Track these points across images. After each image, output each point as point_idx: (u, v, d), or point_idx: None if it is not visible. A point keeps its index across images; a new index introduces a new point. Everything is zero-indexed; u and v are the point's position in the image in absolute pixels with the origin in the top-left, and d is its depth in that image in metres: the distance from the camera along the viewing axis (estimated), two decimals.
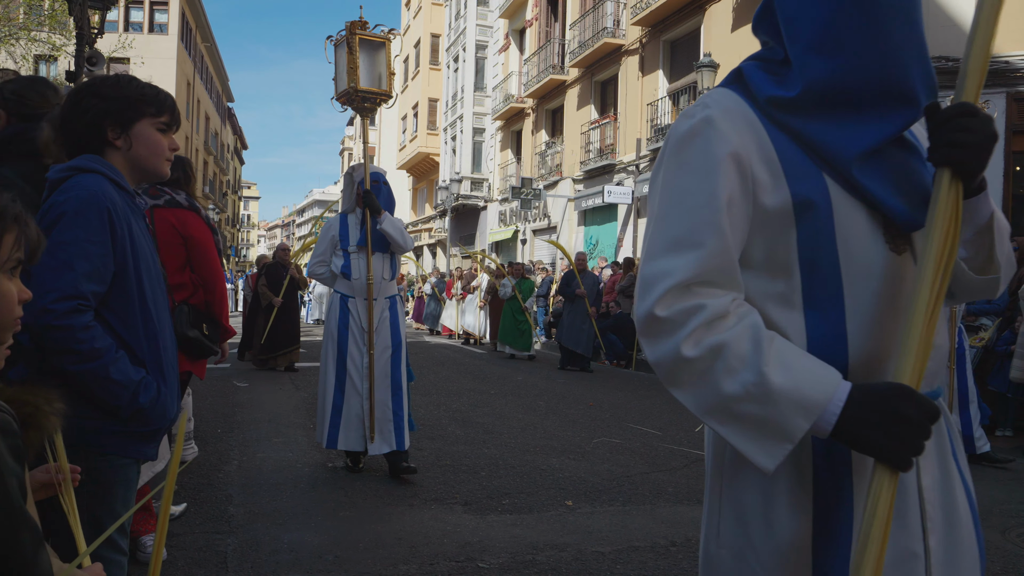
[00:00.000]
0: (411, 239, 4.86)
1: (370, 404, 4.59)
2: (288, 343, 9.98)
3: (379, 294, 4.78)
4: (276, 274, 10.23)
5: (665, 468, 5.23)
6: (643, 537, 3.71)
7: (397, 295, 5.00)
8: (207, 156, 42.32)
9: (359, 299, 4.75)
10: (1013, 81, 9.71)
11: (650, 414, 7.39)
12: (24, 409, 1.13)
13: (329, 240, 4.88)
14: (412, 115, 35.85)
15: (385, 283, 4.83)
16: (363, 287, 4.72)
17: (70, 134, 1.85)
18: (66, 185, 1.75)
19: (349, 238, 4.80)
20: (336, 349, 4.72)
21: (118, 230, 1.75)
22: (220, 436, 5.70)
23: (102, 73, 3.46)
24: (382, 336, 4.74)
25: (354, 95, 4.72)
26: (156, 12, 32.84)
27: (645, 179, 16.35)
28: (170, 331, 1.91)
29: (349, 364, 4.68)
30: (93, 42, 11.47)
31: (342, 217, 4.93)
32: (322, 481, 4.59)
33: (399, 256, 4.98)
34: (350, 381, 4.67)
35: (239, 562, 3.24)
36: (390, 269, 4.88)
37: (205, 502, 4.03)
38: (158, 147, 1.89)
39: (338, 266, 4.79)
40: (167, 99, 1.92)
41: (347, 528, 3.72)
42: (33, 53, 18.85)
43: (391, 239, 4.74)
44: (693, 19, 15.20)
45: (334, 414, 4.64)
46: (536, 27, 22.83)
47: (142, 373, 1.77)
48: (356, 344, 4.71)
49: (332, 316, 4.82)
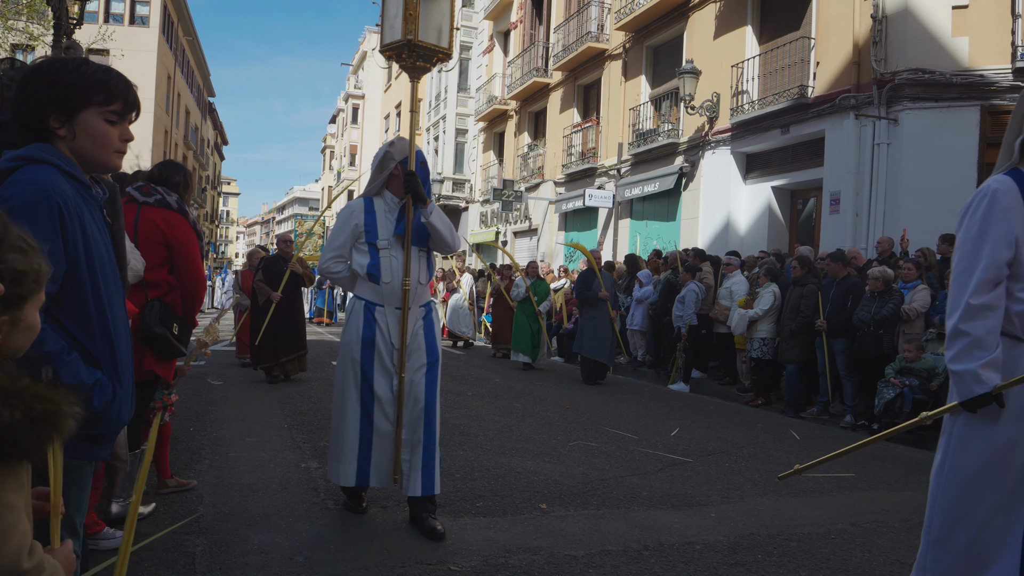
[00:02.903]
0: (459, 237, 3.97)
1: (396, 437, 3.77)
2: (295, 347, 8.75)
3: (414, 302, 3.82)
4: (276, 269, 8.87)
5: (640, 472, 5.24)
6: (616, 541, 3.72)
7: (432, 302, 4.06)
8: (187, 151, 41.86)
9: (389, 308, 3.79)
10: (986, 94, 9.88)
11: (626, 418, 7.41)
12: (45, 406, 1.12)
13: (350, 230, 3.85)
14: (395, 114, 35.75)
15: (421, 288, 3.88)
16: (395, 293, 3.77)
17: (16, 120, 1.77)
18: (14, 178, 1.66)
19: (378, 229, 3.82)
20: (359, 370, 3.79)
21: (69, 226, 1.67)
22: (192, 435, 5.64)
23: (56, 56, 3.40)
24: (415, 354, 3.83)
25: (408, 50, 3.77)
26: (137, 4, 32.43)
27: (626, 183, 16.44)
28: (125, 328, 1.86)
29: (377, 388, 3.78)
30: (71, 32, 11.29)
31: (367, 202, 3.89)
32: (294, 482, 4.54)
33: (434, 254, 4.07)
34: (379, 408, 3.79)
35: (208, 563, 3.20)
36: (427, 271, 3.93)
37: (174, 502, 3.98)
38: (104, 138, 1.78)
39: (362, 265, 3.81)
40: (118, 85, 1.79)
41: (318, 529, 3.69)
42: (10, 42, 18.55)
43: (437, 236, 3.82)
44: (676, 26, 15.31)
45: (363, 447, 3.78)
46: (520, 30, 22.87)
47: (96, 375, 1.71)
48: (383, 364, 3.78)
49: (353, 328, 3.83)
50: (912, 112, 10.14)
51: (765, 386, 9.00)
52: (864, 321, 7.51)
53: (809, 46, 11.81)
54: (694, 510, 4.37)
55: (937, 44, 10.09)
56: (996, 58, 9.80)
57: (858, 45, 10.82)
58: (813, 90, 11.65)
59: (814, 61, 11.71)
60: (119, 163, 1.86)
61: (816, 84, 11.63)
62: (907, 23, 10.22)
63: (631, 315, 11.46)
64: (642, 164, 16.23)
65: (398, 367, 3.76)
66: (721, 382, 10.28)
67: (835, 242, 10.34)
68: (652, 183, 15.46)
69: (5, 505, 1.11)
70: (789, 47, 12.14)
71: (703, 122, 14.11)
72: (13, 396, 1.09)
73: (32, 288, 1.20)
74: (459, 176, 27.80)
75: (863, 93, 10.65)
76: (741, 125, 13.07)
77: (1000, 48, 9.78)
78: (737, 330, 9.14)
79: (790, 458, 5.98)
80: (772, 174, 13.16)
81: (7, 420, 1.07)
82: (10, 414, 1.07)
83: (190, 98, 42.80)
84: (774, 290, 8.79)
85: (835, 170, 11.09)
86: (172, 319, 3.42)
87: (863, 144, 10.61)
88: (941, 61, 10.03)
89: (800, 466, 2.73)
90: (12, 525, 1.12)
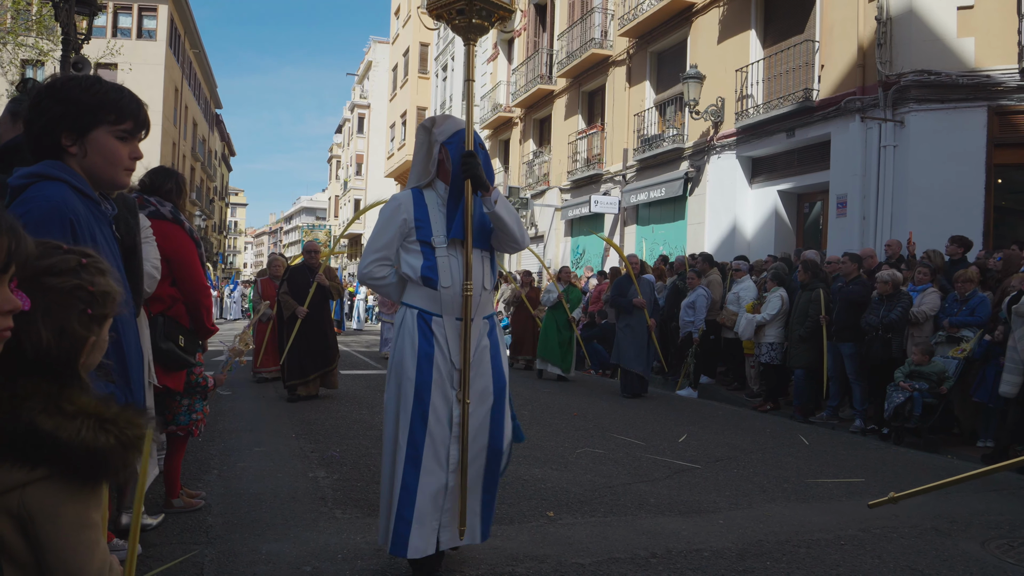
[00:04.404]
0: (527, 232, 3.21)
1: (461, 481, 3.08)
2: (320, 365, 8.13)
3: (477, 312, 3.17)
4: (302, 280, 8.32)
5: (648, 479, 5.22)
6: (624, 549, 3.71)
7: (495, 314, 3.46)
8: (194, 162, 42.13)
9: (448, 319, 3.14)
10: (994, 95, 9.83)
11: (634, 424, 7.39)
12: (135, 432, 1.19)
13: (398, 227, 3.18)
14: (400, 123, 35.87)
15: (486, 295, 3.25)
16: (455, 300, 3.12)
17: (29, 137, 1.80)
18: (27, 195, 1.70)
19: (432, 225, 3.17)
20: (412, 395, 3.08)
21: (81, 241, 1.70)
22: (201, 445, 5.65)
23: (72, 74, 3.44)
24: (478, 379, 3.17)
25: (464, 6, 3.10)
26: (144, 18, 32.73)
27: (631, 189, 16.43)
28: (136, 342, 1.89)
29: (431, 420, 3.07)
30: (80, 47, 11.40)
31: (415, 193, 3.24)
32: (302, 491, 4.55)
33: (497, 255, 3.46)
34: (431, 445, 3.06)
35: (216, 572, 3.21)
36: (491, 274, 3.29)
37: (183, 512, 3.99)
38: (114, 156, 1.81)
39: (415, 267, 3.14)
40: (130, 105, 1.82)
41: (325, 539, 3.69)
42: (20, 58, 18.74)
43: (504, 231, 3.18)
44: (680, 31, 15.32)
45: (404, 498, 3.03)
46: (524, 37, 22.93)
47: (109, 388, 1.74)
48: (442, 388, 3.10)
49: (406, 343, 3.14)
50: (918, 114, 10.11)
51: (773, 391, 8.96)
52: (872, 325, 7.47)
53: (813, 49, 11.80)
54: (702, 517, 4.35)
55: (942, 45, 10.06)
56: (1002, 58, 9.76)
57: (863, 47, 10.80)
58: (818, 93, 11.63)
59: (819, 64, 11.69)
60: (128, 180, 1.90)
61: (821, 87, 11.61)
62: (912, 24, 10.20)
63: None
64: (648, 170, 16.23)
65: (461, 391, 3.09)
66: (729, 387, 10.24)
67: (843, 245, 10.29)
68: (658, 188, 15.45)
69: (90, 524, 1.17)
70: (793, 50, 12.13)
71: (708, 127, 14.11)
72: (109, 422, 1.16)
73: (114, 308, 1.28)
74: None
75: (868, 95, 10.62)
76: (746, 129, 13.06)
77: (1006, 48, 9.74)
78: (744, 335, 9.11)
79: (799, 464, 5.95)
80: (778, 178, 13.13)
81: (103, 444, 1.14)
82: (106, 439, 1.14)
83: (197, 110, 43.09)
84: (781, 295, 8.76)
85: (841, 173, 11.05)
86: (177, 332, 3.43)
87: (869, 147, 10.57)
88: (947, 62, 10.00)
89: (896, 494, 2.70)
90: (96, 542, 1.18)
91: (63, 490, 1.13)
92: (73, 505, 1.13)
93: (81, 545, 1.14)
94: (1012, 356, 6.13)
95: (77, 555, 1.14)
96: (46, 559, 1.12)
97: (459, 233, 3.11)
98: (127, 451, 1.16)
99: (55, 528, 1.11)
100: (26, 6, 17.45)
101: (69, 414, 1.13)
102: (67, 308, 1.18)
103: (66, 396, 1.15)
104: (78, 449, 1.11)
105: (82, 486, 1.15)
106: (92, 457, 1.13)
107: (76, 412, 1.13)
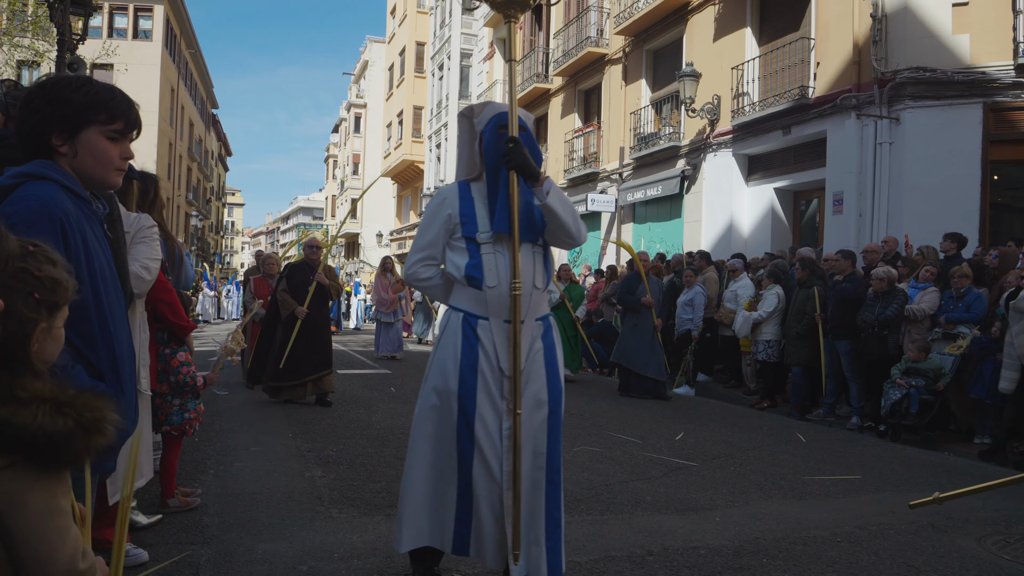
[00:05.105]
0: (584, 226, 3.03)
1: (514, 500, 2.77)
2: (318, 367, 7.78)
3: (528, 313, 2.90)
4: (301, 278, 7.96)
5: (644, 477, 5.22)
6: (620, 547, 3.70)
7: (551, 316, 3.12)
8: (191, 163, 42.07)
9: (495, 321, 2.87)
10: (989, 92, 9.85)
11: (631, 422, 7.39)
12: (94, 414, 1.17)
13: (443, 223, 2.95)
14: (397, 122, 35.85)
15: (537, 294, 2.96)
16: (503, 302, 2.85)
17: (19, 137, 1.80)
18: (16, 194, 1.69)
19: (477, 221, 2.92)
20: (456, 404, 2.84)
21: (71, 240, 1.70)
22: (197, 445, 5.64)
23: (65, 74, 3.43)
24: (530, 387, 2.89)
25: None
26: (140, 18, 32.67)
27: (628, 187, 16.43)
28: (128, 342, 1.88)
29: (479, 430, 2.81)
30: (75, 48, 11.36)
31: (462, 187, 3.01)
32: (299, 491, 4.54)
33: (552, 251, 3.15)
34: (480, 459, 2.80)
35: (212, 572, 3.20)
36: (543, 273, 3.02)
37: (179, 512, 3.99)
38: (105, 156, 1.81)
39: (459, 266, 2.91)
40: (120, 104, 1.82)
41: (322, 538, 3.69)
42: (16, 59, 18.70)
43: (557, 224, 2.89)
44: (675, 29, 15.33)
45: (462, 508, 2.82)
46: (520, 36, 22.92)
47: (100, 387, 1.73)
48: (490, 397, 2.84)
49: (448, 348, 2.90)
50: (914, 111, 10.12)
51: (770, 389, 8.96)
52: (868, 322, 7.48)
53: (809, 46, 11.81)
54: (699, 514, 4.35)
55: (938, 42, 10.07)
56: (998, 55, 9.77)
57: (858, 45, 10.80)
58: (814, 91, 11.64)
59: (814, 61, 11.69)
60: (118, 180, 1.88)
61: (817, 84, 11.62)
62: (907, 21, 10.21)
63: None
64: (644, 168, 16.23)
65: (511, 402, 2.79)
66: (726, 385, 10.25)
67: (839, 243, 10.31)
68: (654, 187, 15.45)
69: (58, 510, 1.16)
70: (789, 48, 12.14)
71: (704, 125, 14.11)
72: (65, 405, 1.15)
73: (65, 297, 1.25)
74: None
75: (864, 93, 10.63)
76: (742, 127, 13.06)
77: (1002, 45, 9.75)
78: (741, 333, 9.12)
79: (796, 461, 5.96)
80: (774, 175, 13.14)
81: (61, 428, 1.13)
82: (63, 422, 1.13)
83: (193, 110, 43.02)
84: (778, 292, 8.77)
85: (837, 170, 11.06)
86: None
87: (865, 144, 10.58)
88: (942, 59, 10.00)
89: (941, 495, 2.67)
90: (66, 528, 1.17)
91: (27, 478, 1.12)
92: (39, 493, 1.13)
93: (51, 532, 1.14)
94: (1010, 352, 6.13)
95: (47, 542, 1.13)
96: (16, 548, 1.11)
97: (503, 227, 2.83)
98: (88, 434, 1.15)
99: (22, 517, 1.11)
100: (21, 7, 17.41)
101: (24, 400, 1.12)
102: (12, 290, 1.16)
103: (19, 383, 1.14)
104: (37, 435, 1.10)
105: (46, 473, 1.14)
106: (52, 442, 1.12)
107: (31, 398, 1.12)
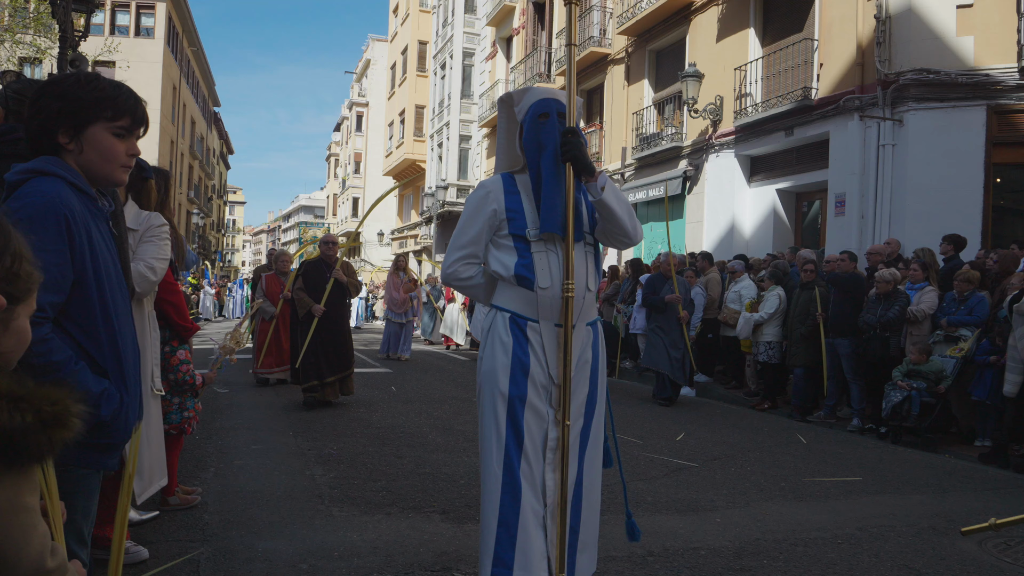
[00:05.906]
0: (639, 224, 2.81)
1: (559, 513, 2.58)
2: (340, 366, 7.58)
3: (580, 317, 2.70)
4: (318, 276, 7.67)
5: (645, 477, 5.22)
6: (621, 547, 3.69)
7: (599, 320, 2.89)
8: (192, 160, 42.09)
9: (546, 324, 2.67)
10: (992, 94, 9.83)
11: (632, 422, 7.38)
12: (54, 407, 1.14)
13: (486, 219, 2.73)
14: (399, 121, 35.84)
15: (590, 297, 2.76)
16: (554, 304, 2.65)
17: (27, 133, 1.80)
18: (22, 190, 1.69)
19: (526, 217, 2.71)
20: (506, 412, 2.63)
21: (76, 237, 1.69)
22: (198, 443, 5.64)
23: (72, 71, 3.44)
24: (579, 396, 2.72)
25: None
26: (143, 16, 32.70)
27: (630, 187, 16.42)
28: (132, 338, 1.88)
29: (527, 443, 2.62)
30: (76, 45, 11.37)
31: (506, 180, 2.78)
32: (299, 489, 4.54)
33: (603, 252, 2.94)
34: (527, 468, 2.61)
35: (212, 570, 3.20)
36: (595, 273, 2.82)
37: (180, 509, 3.98)
38: (111, 153, 1.80)
39: (508, 265, 2.70)
40: (127, 101, 1.82)
41: (322, 537, 3.69)
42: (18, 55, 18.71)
43: (613, 222, 2.70)
44: (678, 29, 15.31)
45: (503, 526, 2.57)
46: (523, 35, 22.90)
47: (104, 384, 1.73)
48: (535, 406, 2.64)
49: (496, 352, 2.68)
50: (917, 113, 10.10)
51: (771, 390, 8.96)
52: (869, 324, 7.47)
53: (812, 48, 11.79)
54: (699, 515, 4.35)
55: (942, 44, 10.05)
56: (1002, 57, 9.75)
57: (861, 46, 10.79)
58: (817, 92, 11.62)
59: (817, 63, 11.68)
60: (124, 177, 1.88)
61: (820, 86, 11.61)
62: (911, 23, 10.19)
63: (633, 319, 11.43)
64: (646, 168, 16.22)
65: (560, 411, 2.61)
66: (727, 386, 10.24)
67: (841, 244, 10.29)
68: (656, 187, 15.44)
69: (23, 507, 1.13)
70: (792, 49, 12.12)
71: (707, 125, 14.10)
72: (22, 400, 1.11)
73: (24, 291, 1.20)
74: (463, 183, 27.85)
75: (867, 94, 10.61)
76: (745, 128, 13.05)
77: (1006, 47, 9.73)
78: (742, 334, 9.11)
79: (796, 462, 5.95)
80: (776, 177, 13.13)
81: (19, 424, 1.09)
82: (21, 418, 1.10)
83: (195, 108, 43.04)
84: (779, 293, 8.76)
85: (840, 172, 11.05)
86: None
87: (868, 145, 10.57)
88: (946, 61, 9.99)
89: (998, 521, 2.58)
90: (32, 526, 1.15)
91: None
92: (1, 490, 1.11)
93: (15, 529, 1.12)
94: (1014, 356, 6.12)
95: (11, 540, 1.11)
96: None
97: (551, 226, 2.61)
98: (49, 429, 1.12)
99: None
100: (23, 4, 17.41)
101: None
102: None
103: None
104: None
105: (7, 469, 1.11)
106: (10, 439, 1.09)
107: None
